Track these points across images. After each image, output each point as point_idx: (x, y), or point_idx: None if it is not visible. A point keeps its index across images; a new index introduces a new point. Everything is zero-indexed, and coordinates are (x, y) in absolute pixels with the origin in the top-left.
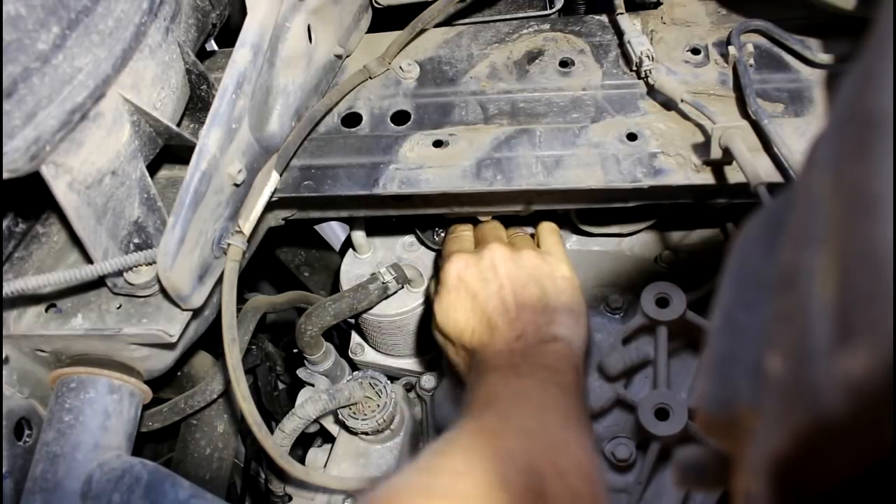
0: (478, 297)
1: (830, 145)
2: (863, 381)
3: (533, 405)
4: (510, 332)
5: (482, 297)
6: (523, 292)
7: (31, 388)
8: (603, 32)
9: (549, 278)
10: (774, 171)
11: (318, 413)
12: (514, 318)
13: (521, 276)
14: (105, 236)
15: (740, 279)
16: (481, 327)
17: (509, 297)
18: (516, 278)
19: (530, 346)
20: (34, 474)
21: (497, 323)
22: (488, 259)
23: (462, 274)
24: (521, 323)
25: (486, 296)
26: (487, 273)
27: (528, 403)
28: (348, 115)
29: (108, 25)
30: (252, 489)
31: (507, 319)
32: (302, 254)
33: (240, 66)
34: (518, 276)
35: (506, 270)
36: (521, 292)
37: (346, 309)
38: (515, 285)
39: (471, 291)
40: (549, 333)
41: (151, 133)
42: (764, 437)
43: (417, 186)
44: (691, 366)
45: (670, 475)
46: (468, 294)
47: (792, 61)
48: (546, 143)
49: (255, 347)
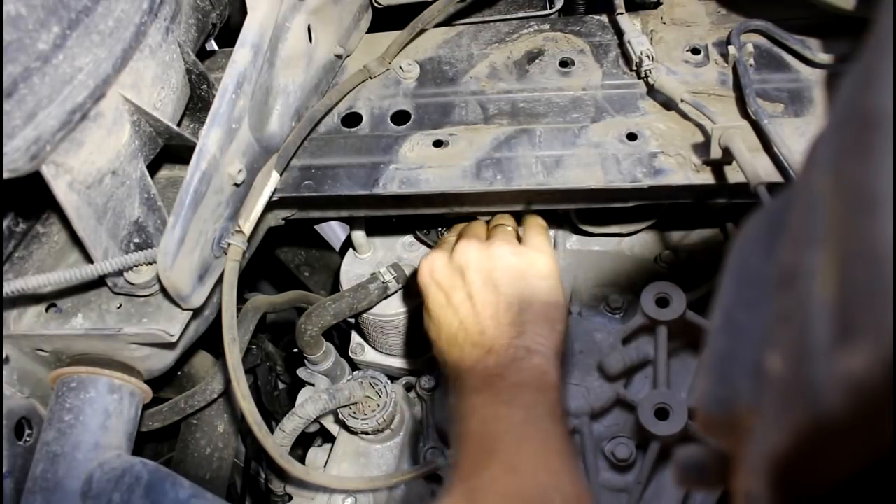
0: (450, 302)
1: (830, 145)
2: (863, 380)
3: (536, 447)
4: (479, 348)
5: (452, 306)
6: (492, 300)
7: (32, 388)
8: (603, 32)
9: (522, 279)
10: (774, 171)
11: (318, 413)
12: (482, 331)
13: (490, 279)
14: (105, 236)
15: (740, 279)
16: (450, 338)
17: (479, 305)
18: (484, 283)
19: (503, 365)
20: (34, 474)
21: (465, 337)
22: (460, 258)
23: (434, 274)
24: (489, 338)
25: (455, 306)
26: (455, 279)
27: (531, 446)
28: (348, 115)
29: (109, 25)
30: (252, 489)
31: (476, 332)
32: (302, 254)
33: (240, 66)
34: (487, 280)
35: (476, 274)
36: (488, 301)
37: (346, 309)
38: (484, 292)
39: (443, 293)
40: (521, 347)
41: (152, 133)
42: (764, 437)
43: (417, 186)
44: (691, 366)
45: (670, 475)
46: (442, 296)
47: (792, 61)
48: (546, 143)
49: (255, 347)
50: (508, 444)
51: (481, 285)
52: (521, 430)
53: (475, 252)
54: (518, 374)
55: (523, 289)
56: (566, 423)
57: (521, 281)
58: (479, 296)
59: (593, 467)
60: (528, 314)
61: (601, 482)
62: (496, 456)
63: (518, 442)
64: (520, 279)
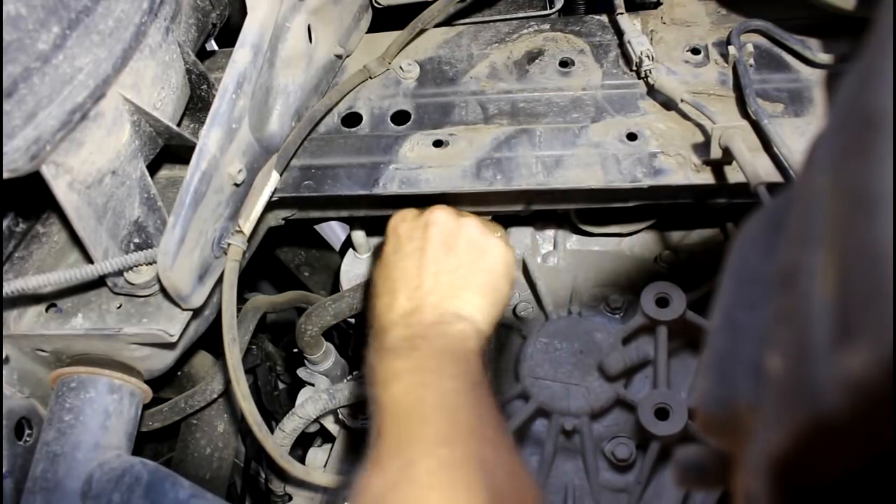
0: (401, 249)
1: (830, 145)
2: (863, 380)
3: (470, 418)
4: (409, 301)
5: (402, 253)
6: (441, 259)
7: (32, 388)
8: (603, 32)
9: (479, 253)
10: (774, 171)
11: (318, 413)
12: (418, 285)
13: (449, 241)
14: (105, 236)
15: (740, 279)
16: (388, 284)
17: (426, 259)
18: (443, 242)
19: (427, 324)
20: (34, 474)
21: (402, 285)
22: (429, 215)
23: (397, 226)
24: (423, 292)
25: (404, 253)
26: (416, 231)
27: (464, 417)
28: (348, 115)
29: (109, 25)
30: (252, 489)
31: (412, 285)
32: (302, 254)
33: (240, 66)
34: (446, 241)
35: (437, 232)
36: (438, 258)
37: (346, 309)
38: (438, 250)
39: (400, 241)
40: (450, 310)
41: (151, 133)
42: (764, 436)
43: (417, 186)
44: (691, 366)
45: (670, 475)
46: (397, 242)
47: (792, 61)
48: (546, 143)
49: (255, 347)
50: (441, 414)
51: (438, 243)
52: (453, 400)
53: (444, 214)
54: (441, 338)
55: (476, 261)
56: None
57: (476, 254)
58: (431, 251)
59: (593, 467)
60: (471, 283)
61: (601, 482)
62: (428, 427)
63: (451, 412)
64: (476, 252)
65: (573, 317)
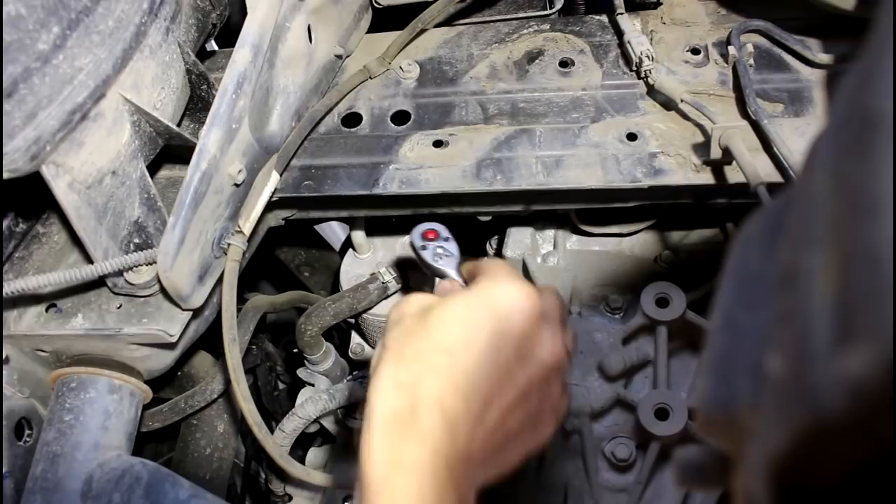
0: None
1: (830, 145)
2: (863, 381)
3: None
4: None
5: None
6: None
7: (32, 388)
8: (603, 32)
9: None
10: (774, 171)
11: (318, 413)
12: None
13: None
14: (105, 236)
15: (740, 279)
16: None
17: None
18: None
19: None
20: (34, 474)
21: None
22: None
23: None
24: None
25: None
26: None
27: None
28: (348, 115)
29: (109, 25)
30: (252, 489)
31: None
32: (302, 254)
33: (240, 66)
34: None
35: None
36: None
37: (346, 309)
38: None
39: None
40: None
41: (151, 133)
42: (764, 437)
43: (417, 186)
44: (691, 366)
45: (670, 475)
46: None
47: (792, 61)
48: (546, 143)
49: (255, 347)
50: None
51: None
52: None
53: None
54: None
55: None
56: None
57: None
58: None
59: (593, 467)
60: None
61: (601, 482)
62: None
63: None
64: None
65: (573, 317)
